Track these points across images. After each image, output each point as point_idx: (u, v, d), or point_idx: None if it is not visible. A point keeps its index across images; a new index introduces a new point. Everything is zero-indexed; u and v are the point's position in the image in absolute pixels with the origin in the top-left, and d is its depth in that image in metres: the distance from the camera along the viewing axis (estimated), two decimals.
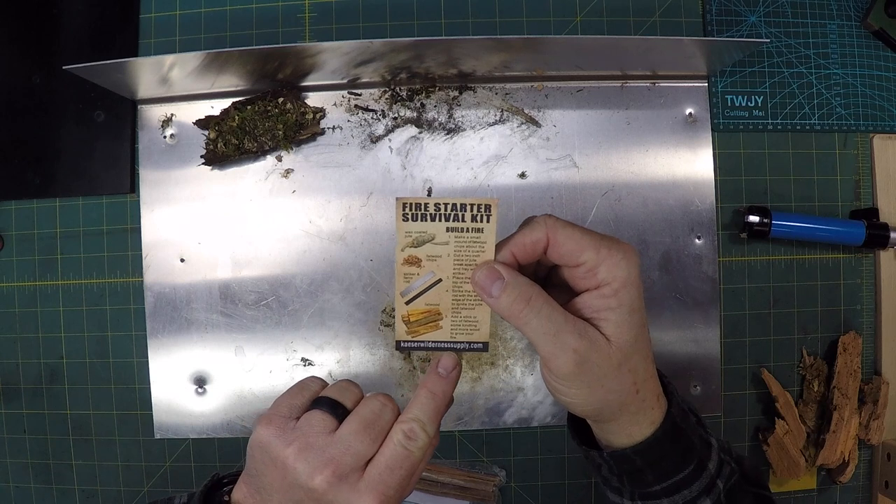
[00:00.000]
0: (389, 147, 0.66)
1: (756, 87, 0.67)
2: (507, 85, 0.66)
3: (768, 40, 0.66)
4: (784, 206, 0.67)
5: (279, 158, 0.65)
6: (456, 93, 0.66)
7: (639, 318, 0.36)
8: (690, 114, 0.66)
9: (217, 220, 0.65)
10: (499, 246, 0.37)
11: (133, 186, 0.66)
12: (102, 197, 0.66)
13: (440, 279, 0.38)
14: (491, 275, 0.36)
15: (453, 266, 0.37)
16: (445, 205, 0.36)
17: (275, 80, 0.63)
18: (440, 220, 0.36)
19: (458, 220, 0.36)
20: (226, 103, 0.64)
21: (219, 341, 0.65)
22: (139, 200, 0.66)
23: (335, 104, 0.66)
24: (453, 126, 0.66)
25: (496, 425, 0.66)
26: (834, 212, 0.68)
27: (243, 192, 0.65)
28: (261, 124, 0.63)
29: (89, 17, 0.67)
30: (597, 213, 0.66)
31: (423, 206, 0.36)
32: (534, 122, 0.66)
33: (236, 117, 0.63)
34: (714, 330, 0.66)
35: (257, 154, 0.64)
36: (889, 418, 0.66)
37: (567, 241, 0.35)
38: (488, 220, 0.36)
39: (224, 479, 0.42)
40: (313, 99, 0.65)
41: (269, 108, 0.63)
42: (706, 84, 0.67)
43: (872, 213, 0.67)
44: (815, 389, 0.66)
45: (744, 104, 0.67)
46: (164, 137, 0.66)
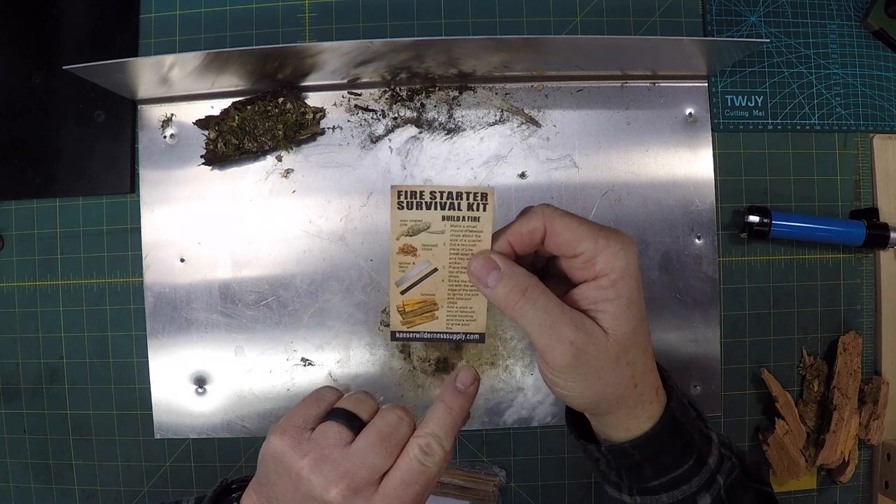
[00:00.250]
0: (389, 147, 0.66)
1: (756, 87, 0.67)
2: (507, 85, 0.66)
3: (768, 40, 0.66)
4: (784, 206, 0.67)
5: (279, 158, 0.65)
6: (456, 93, 0.66)
7: (637, 310, 0.36)
8: (690, 114, 0.66)
9: (217, 220, 0.65)
10: (495, 235, 0.37)
11: (133, 186, 0.66)
12: (102, 197, 0.66)
13: (436, 269, 0.37)
14: (487, 265, 0.36)
15: (449, 255, 0.37)
16: (441, 193, 0.36)
17: (275, 80, 0.63)
18: (436, 208, 0.36)
19: (454, 209, 0.36)
20: (226, 103, 0.64)
21: (219, 341, 0.65)
22: (139, 200, 0.66)
23: (335, 104, 0.66)
24: (453, 126, 0.66)
25: (496, 425, 0.66)
26: (834, 212, 0.68)
27: (243, 192, 0.65)
28: (261, 124, 0.63)
29: (89, 17, 0.67)
30: (597, 213, 0.66)
31: (418, 195, 0.36)
32: (534, 122, 0.66)
33: (236, 117, 0.63)
34: (714, 330, 0.66)
35: (257, 154, 0.64)
36: (889, 418, 0.66)
37: (564, 230, 0.35)
38: (484, 209, 0.36)
39: (233, 485, 0.41)
40: (313, 99, 0.65)
41: (269, 108, 0.63)
42: (706, 84, 0.67)
43: (872, 213, 0.67)
44: (815, 389, 0.66)
45: (744, 104, 0.67)
46: (164, 137, 0.66)
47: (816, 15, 0.68)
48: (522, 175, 0.66)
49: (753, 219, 0.64)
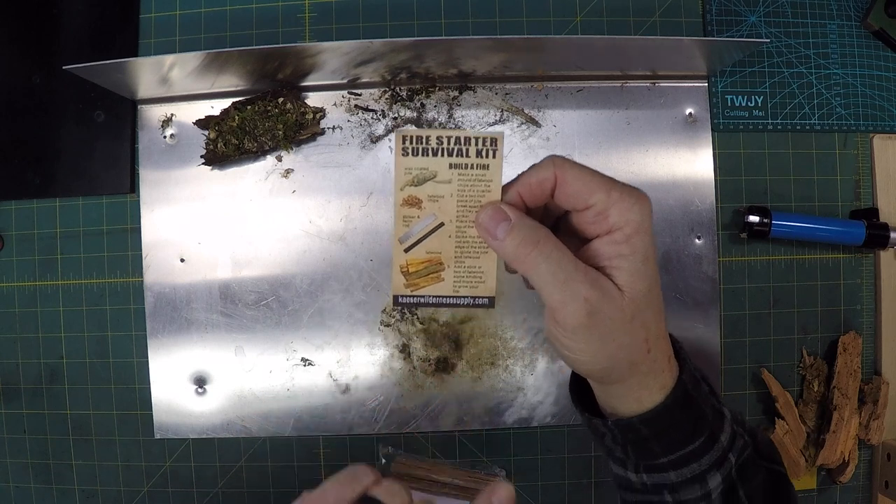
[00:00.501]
0: (389, 147, 0.66)
1: (756, 87, 0.67)
2: (507, 85, 0.66)
3: (768, 40, 0.66)
4: (784, 206, 0.67)
5: (279, 158, 0.65)
6: (456, 93, 0.66)
7: (652, 269, 0.34)
8: (690, 114, 0.66)
9: (217, 220, 0.65)
10: (505, 188, 0.35)
11: (133, 186, 0.66)
12: (102, 197, 0.66)
13: (442, 223, 0.35)
14: (496, 215, 0.33)
15: (457, 208, 0.35)
16: (449, 138, 0.34)
17: (275, 80, 0.63)
18: (443, 154, 0.34)
19: (462, 156, 0.34)
20: (226, 103, 0.64)
21: (219, 341, 0.65)
22: (139, 200, 0.66)
23: (335, 104, 0.66)
24: (453, 126, 0.66)
25: (496, 425, 0.66)
26: (834, 212, 0.68)
27: (243, 192, 0.65)
28: (261, 124, 0.63)
29: (89, 17, 0.67)
30: None
31: (424, 140, 0.34)
32: (534, 122, 0.66)
33: (236, 117, 0.63)
34: (714, 330, 0.66)
35: (257, 154, 0.64)
36: (889, 418, 0.66)
37: (575, 180, 0.33)
38: (494, 156, 0.34)
39: None
40: (313, 99, 0.65)
41: (269, 108, 0.63)
42: (706, 84, 0.67)
43: (872, 213, 0.67)
44: (815, 389, 0.66)
45: (744, 104, 0.67)
46: (164, 137, 0.66)
47: (816, 15, 0.68)
48: None
49: (753, 219, 0.64)
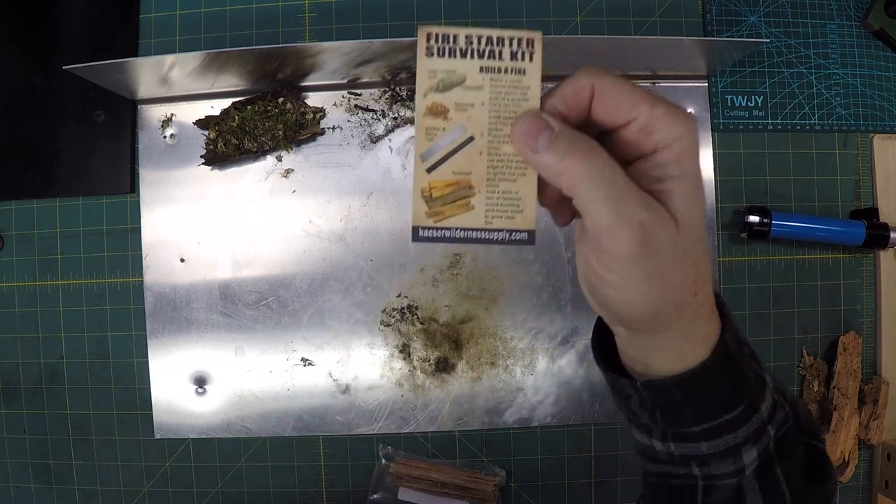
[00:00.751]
0: (389, 147, 0.66)
1: (756, 87, 0.67)
2: None
3: (768, 40, 0.66)
4: (784, 206, 0.67)
5: (279, 158, 0.65)
6: None
7: (702, 196, 0.30)
8: (690, 114, 0.66)
9: (217, 220, 0.65)
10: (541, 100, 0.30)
11: (133, 186, 0.66)
12: (102, 197, 0.66)
13: (472, 136, 0.30)
14: (536, 123, 0.28)
15: (489, 119, 0.30)
16: (479, 38, 0.29)
17: (275, 80, 0.63)
18: (472, 56, 0.29)
19: (495, 58, 0.29)
20: (226, 103, 0.64)
21: (219, 341, 0.65)
22: (139, 200, 0.66)
23: (335, 104, 0.66)
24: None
25: (496, 425, 0.66)
26: (834, 212, 0.68)
27: (243, 192, 0.65)
28: (261, 124, 0.63)
29: (89, 17, 0.67)
30: None
31: (451, 39, 0.29)
32: None
33: (236, 117, 0.63)
34: None
35: (257, 154, 0.64)
36: (889, 418, 0.66)
37: (616, 90, 0.28)
38: (531, 59, 0.29)
39: None
40: (313, 99, 0.65)
41: (269, 108, 0.63)
42: (706, 84, 0.67)
43: (872, 213, 0.67)
44: (815, 389, 0.66)
45: (744, 104, 0.67)
46: (164, 137, 0.66)
47: (816, 15, 0.68)
48: None
49: (753, 219, 0.64)
